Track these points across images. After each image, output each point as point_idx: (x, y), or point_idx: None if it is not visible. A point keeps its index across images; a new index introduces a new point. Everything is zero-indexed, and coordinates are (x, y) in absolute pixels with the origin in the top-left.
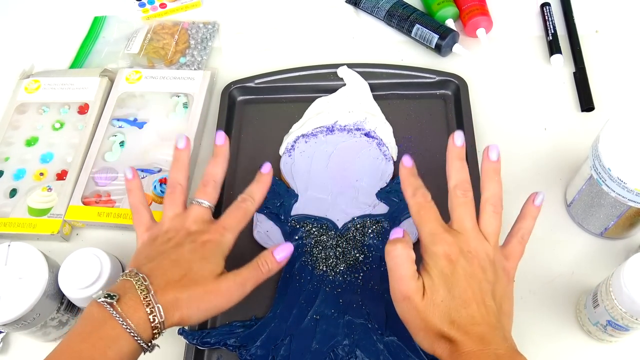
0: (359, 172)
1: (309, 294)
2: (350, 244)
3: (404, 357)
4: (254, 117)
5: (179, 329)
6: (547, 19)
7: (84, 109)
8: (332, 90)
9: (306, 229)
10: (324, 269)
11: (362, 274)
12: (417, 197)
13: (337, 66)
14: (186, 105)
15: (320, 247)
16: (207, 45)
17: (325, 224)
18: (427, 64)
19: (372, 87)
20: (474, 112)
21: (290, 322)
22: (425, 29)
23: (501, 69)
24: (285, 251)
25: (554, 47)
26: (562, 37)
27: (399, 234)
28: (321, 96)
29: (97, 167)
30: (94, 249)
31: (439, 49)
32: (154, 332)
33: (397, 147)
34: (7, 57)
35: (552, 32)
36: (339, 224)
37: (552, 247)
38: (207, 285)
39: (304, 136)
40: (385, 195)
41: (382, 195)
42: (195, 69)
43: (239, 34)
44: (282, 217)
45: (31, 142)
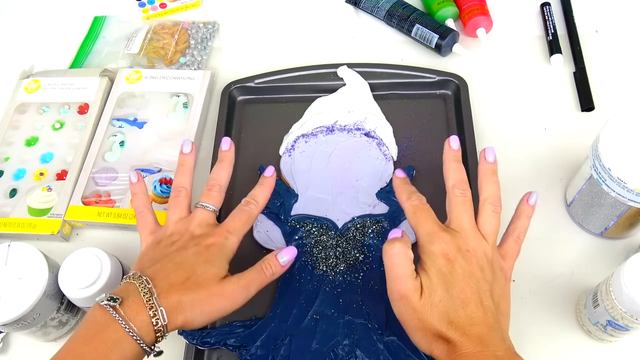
0: (359, 172)
1: (309, 294)
2: (350, 244)
3: (404, 357)
4: (254, 117)
5: (180, 329)
6: (547, 18)
7: (84, 109)
8: (332, 90)
9: (306, 229)
10: (324, 269)
11: (362, 274)
12: (412, 199)
13: (337, 66)
14: (186, 105)
15: (320, 247)
16: (207, 45)
17: (325, 224)
18: (427, 64)
19: (372, 87)
20: (474, 112)
21: (290, 322)
22: (425, 29)
23: (501, 69)
24: (288, 255)
25: (554, 47)
26: (562, 37)
27: (397, 234)
28: (321, 96)
29: (97, 167)
30: (94, 249)
31: (439, 49)
32: (157, 335)
33: (397, 147)
34: (7, 57)
35: (552, 32)
36: (339, 224)
37: (552, 247)
38: (211, 288)
39: (304, 136)
40: (385, 195)
41: (382, 195)
42: (195, 69)
43: (239, 34)
44: (282, 217)
45: (31, 142)
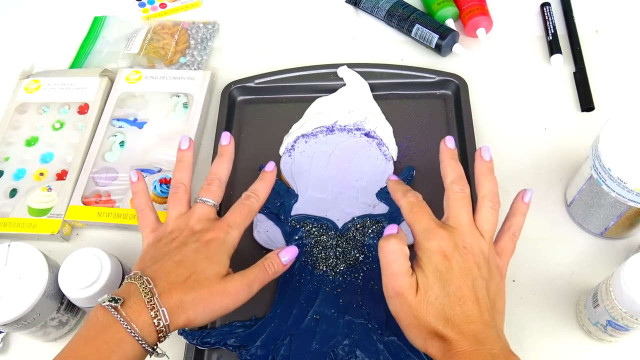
0: (359, 172)
1: (309, 294)
2: (350, 244)
3: (404, 357)
4: (254, 117)
5: (180, 329)
6: (547, 18)
7: (84, 109)
8: (332, 90)
9: (306, 229)
10: (324, 269)
11: (362, 274)
12: (408, 196)
13: (337, 66)
14: (186, 105)
15: (320, 247)
16: (207, 45)
17: (325, 224)
18: (427, 64)
19: (372, 87)
20: (474, 112)
21: (290, 322)
22: (425, 29)
23: (501, 69)
24: (290, 254)
25: (554, 47)
26: (562, 37)
27: (392, 230)
28: (321, 96)
29: (97, 167)
30: (94, 249)
31: (439, 49)
32: (159, 335)
33: (397, 147)
34: (7, 57)
35: (552, 32)
36: (339, 224)
37: (552, 247)
38: (213, 286)
39: (304, 136)
40: (385, 195)
41: (382, 195)
42: (195, 69)
43: (239, 34)
44: (282, 217)
45: (31, 142)
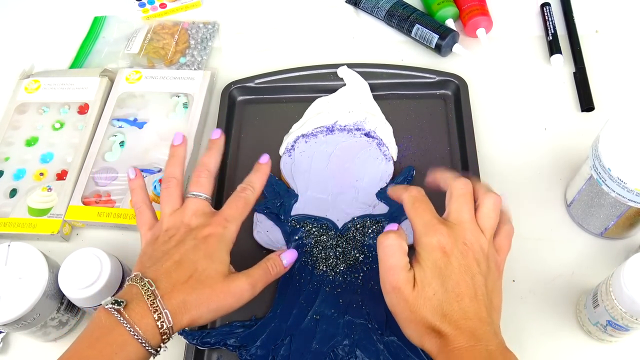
0: (359, 172)
1: (309, 294)
2: (350, 244)
3: (404, 357)
4: (254, 117)
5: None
6: (547, 19)
7: (84, 109)
8: (332, 90)
9: (306, 229)
10: (324, 269)
11: (362, 274)
12: (411, 190)
13: (337, 66)
14: (186, 105)
15: (320, 247)
16: (207, 45)
17: (325, 224)
18: (427, 64)
19: (372, 87)
20: (474, 112)
21: (290, 322)
22: (425, 29)
23: (501, 69)
24: (290, 257)
25: (554, 47)
26: (562, 37)
27: (393, 227)
28: (321, 96)
29: (97, 167)
30: (94, 249)
31: (439, 49)
32: (163, 337)
33: (397, 147)
34: (7, 57)
35: (552, 32)
36: (339, 224)
37: (552, 247)
38: (215, 285)
39: (304, 136)
40: (385, 195)
41: (382, 195)
42: (195, 69)
43: (239, 34)
44: (282, 217)
45: (31, 142)
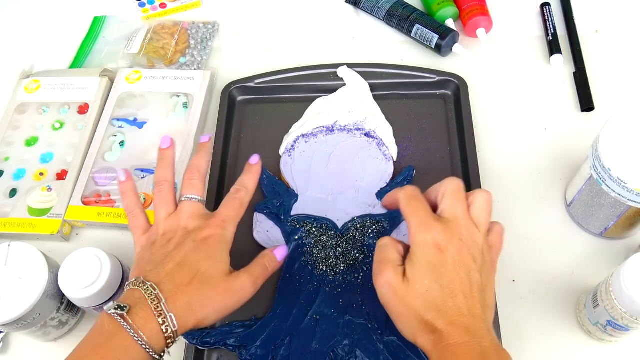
0: (359, 172)
1: (309, 294)
2: (350, 244)
3: (404, 357)
4: (254, 117)
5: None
6: (547, 19)
7: (84, 109)
8: (332, 90)
9: (306, 229)
10: (324, 269)
11: (362, 274)
12: (406, 189)
13: (337, 66)
14: (186, 105)
15: (320, 247)
16: (207, 45)
17: (325, 224)
18: (427, 64)
19: (372, 87)
20: (474, 112)
21: (290, 322)
22: (425, 29)
23: (501, 69)
24: (283, 252)
25: (554, 47)
26: (562, 37)
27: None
28: (321, 96)
29: (97, 167)
30: (94, 249)
31: (439, 49)
32: (168, 342)
33: (397, 147)
34: (7, 57)
35: (552, 32)
36: (339, 224)
37: (552, 247)
38: (219, 285)
39: (304, 136)
40: (385, 195)
41: (382, 195)
42: (195, 69)
43: (239, 34)
44: (282, 217)
45: (31, 142)
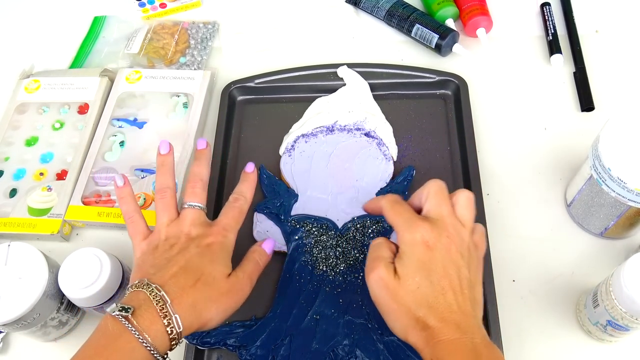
0: (359, 172)
1: (309, 294)
2: (350, 244)
3: (404, 357)
4: (254, 117)
5: None
6: (547, 18)
7: (84, 109)
8: (332, 90)
9: (306, 228)
10: (324, 269)
11: (362, 274)
12: (387, 197)
13: (337, 66)
14: (186, 105)
15: (320, 247)
16: (207, 45)
17: (325, 224)
18: (427, 64)
19: (372, 87)
20: (474, 112)
21: (290, 322)
22: (425, 29)
23: (501, 69)
24: (270, 245)
25: (554, 47)
26: (562, 37)
27: None
28: (321, 96)
29: (97, 167)
30: (94, 249)
31: (439, 49)
32: (172, 343)
33: (397, 147)
34: (7, 57)
35: (552, 32)
36: (339, 224)
37: (552, 247)
38: (222, 286)
39: (304, 136)
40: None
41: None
42: (195, 69)
43: (239, 34)
44: (282, 217)
45: (31, 142)
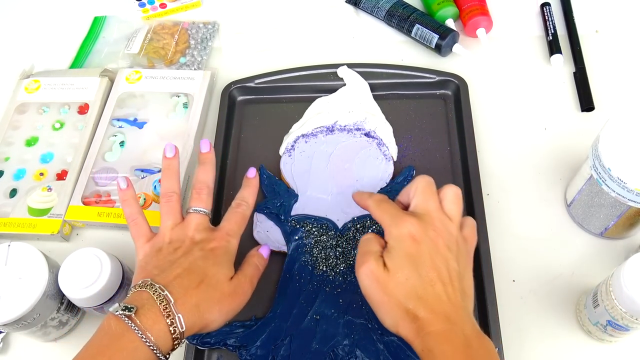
0: (359, 172)
1: (309, 294)
2: (350, 244)
3: (404, 357)
4: (254, 117)
5: None
6: (547, 19)
7: (84, 109)
8: (332, 90)
9: (306, 229)
10: (324, 269)
11: None
12: (374, 196)
13: (337, 66)
14: (186, 105)
15: (320, 247)
16: (207, 45)
17: (325, 224)
18: (427, 64)
19: (372, 87)
20: (474, 112)
21: (290, 322)
22: (425, 29)
23: (501, 69)
24: (267, 250)
25: (554, 47)
26: (562, 37)
27: None
28: (321, 96)
29: (97, 167)
30: (94, 249)
31: (439, 49)
32: (175, 343)
33: (397, 147)
34: (7, 57)
35: (552, 32)
36: (339, 224)
37: (552, 247)
38: (224, 288)
39: (304, 136)
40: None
41: None
42: (195, 69)
43: (239, 34)
44: (282, 217)
45: (31, 142)
